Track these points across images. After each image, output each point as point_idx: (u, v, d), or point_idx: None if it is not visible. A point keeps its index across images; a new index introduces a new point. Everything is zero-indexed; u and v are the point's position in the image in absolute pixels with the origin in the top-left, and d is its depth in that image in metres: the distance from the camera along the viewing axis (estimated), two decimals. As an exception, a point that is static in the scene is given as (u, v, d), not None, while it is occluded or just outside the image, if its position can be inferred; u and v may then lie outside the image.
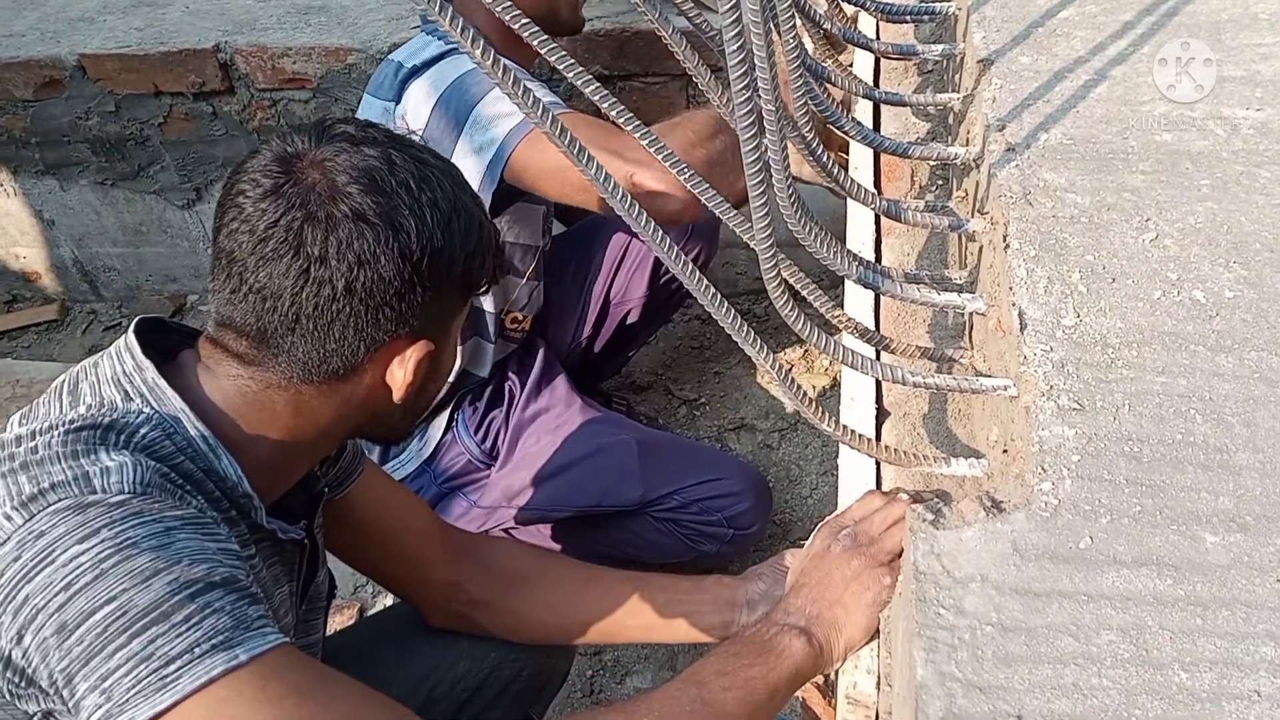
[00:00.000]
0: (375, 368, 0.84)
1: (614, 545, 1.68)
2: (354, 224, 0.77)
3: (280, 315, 0.79)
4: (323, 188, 0.78)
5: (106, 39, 2.32)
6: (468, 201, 0.85)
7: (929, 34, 1.34)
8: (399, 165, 0.80)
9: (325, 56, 2.20)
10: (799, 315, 0.71)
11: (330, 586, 1.07)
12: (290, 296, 0.78)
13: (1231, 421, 0.66)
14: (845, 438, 0.78)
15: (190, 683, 0.65)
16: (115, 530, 0.68)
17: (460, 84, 1.37)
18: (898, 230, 1.12)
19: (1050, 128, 0.90)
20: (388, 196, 0.79)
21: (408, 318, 0.82)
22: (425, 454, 1.65)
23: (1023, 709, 0.54)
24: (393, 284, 0.79)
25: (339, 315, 0.79)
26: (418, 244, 0.80)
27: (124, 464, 0.72)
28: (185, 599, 0.66)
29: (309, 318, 0.79)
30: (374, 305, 0.79)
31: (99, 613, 0.65)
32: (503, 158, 1.33)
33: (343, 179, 0.78)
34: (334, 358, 0.81)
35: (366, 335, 0.81)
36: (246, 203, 0.78)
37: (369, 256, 0.78)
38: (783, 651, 0.82)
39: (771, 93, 0.61)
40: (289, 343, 0.80)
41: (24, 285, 2.75)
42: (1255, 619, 0.57)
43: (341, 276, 0.78)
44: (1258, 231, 0.79)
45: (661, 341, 2.31)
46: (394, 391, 0.85)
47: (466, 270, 0.85)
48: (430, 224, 0.80)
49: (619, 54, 2.12)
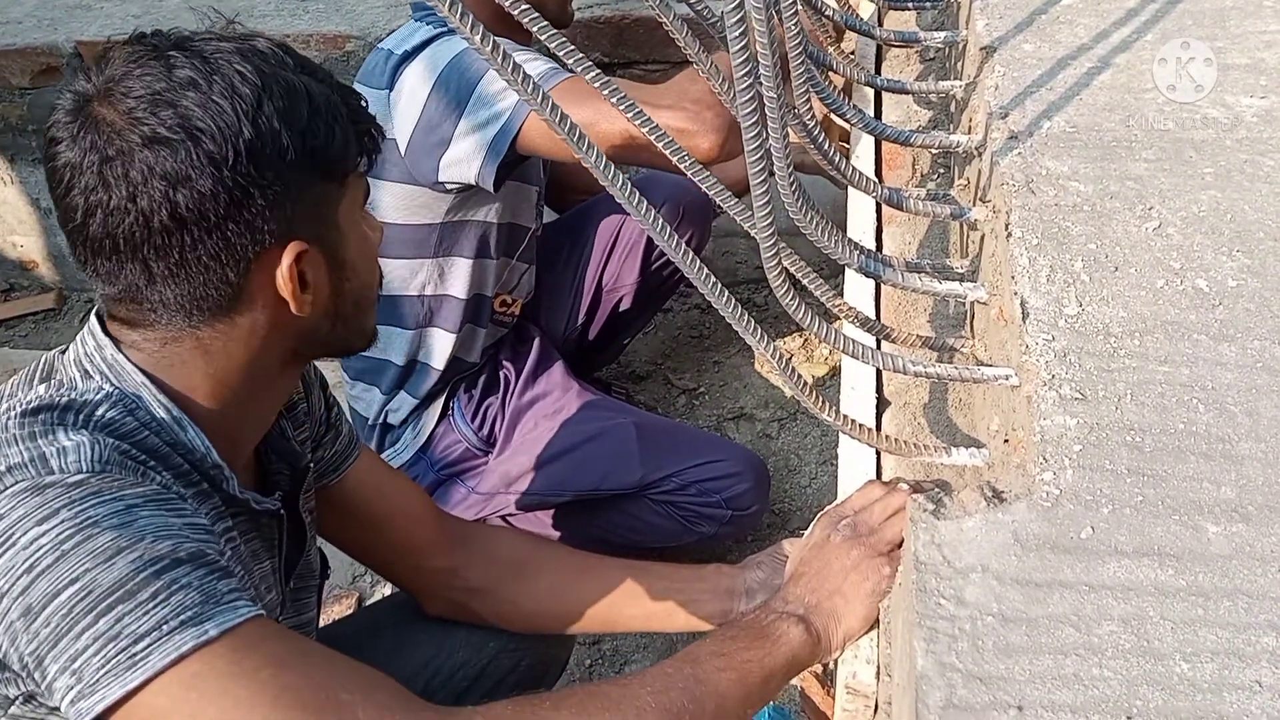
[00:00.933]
0: (261, 288, 0.78)
1: (613, 528, 1.68)
2: (150, 150, 0.72)
3: (130, 268, 0.74)
4: (113, 120, 0.72)
5: (104, 26, 2.31)
6: (282, 74, 0.77)
7: (931, 21, 1.33)
8: (180, 66, 0.73)
9: (323, 43, 2.19)
10: (799, 304, 0.71)
11: (323, 566, 1.07)
12: (126, 244, 0.73)
13: (1234, 411, 0.65)
14: (845, 427, 0.78)
15: (160, 660, 0.64)
16: (75, 510, 0.67)
17: (458, 63, 1.36)
18: (899, 219, 1.12)
19: (1053, 115, 0.90)
20: (173, 105, 0.72)
21: (260, 225, 0.75)
22: (420, 442, 1.65)
23: (1023, 699, 0.54)
24: (219, 196, 0.73)
25: (184, 246, 0.74)
26: (226, 144, 0.72)
27: (81, 444, 0.70)
28: (150, 576, 0.66)
29: (155, 261, 0.74)
30: (211, 224, 0.73)
31: (63, 594, 0.65)
32: (512, 129, 1.33)
33: (128, 104, 0.72)
34: (207, 292, 0.76)
35: (224, 257, 0.75)
36: (56, 164, 0.74)
37: (178, 176, 0.72)
38: (780, 637, 0.81)
39: (773, 80, 0.60)
40: (156, 292, 0.76)
41: (21, 274, 2.74)
42: (1257, 609, 0.56)
43: (160, 207, 0.72)
44: (1261, 220, 0.78)
45: (661, 330, 2.31)
46: (290, 304, 0.79)
47: (310, 150, 0.77)
48: (233, 116, 0.73)
49: (618, 41, 2.11)
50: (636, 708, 0.73)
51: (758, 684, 0.79)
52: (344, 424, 1.07)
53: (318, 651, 0.72)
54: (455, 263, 1.55)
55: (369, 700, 0.68)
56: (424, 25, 1.44)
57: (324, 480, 1.04)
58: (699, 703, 0.75)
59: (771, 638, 0.81)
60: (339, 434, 1.05)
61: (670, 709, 0.74)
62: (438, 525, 1.12)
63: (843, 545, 0.84)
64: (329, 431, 1.04)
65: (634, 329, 2.07)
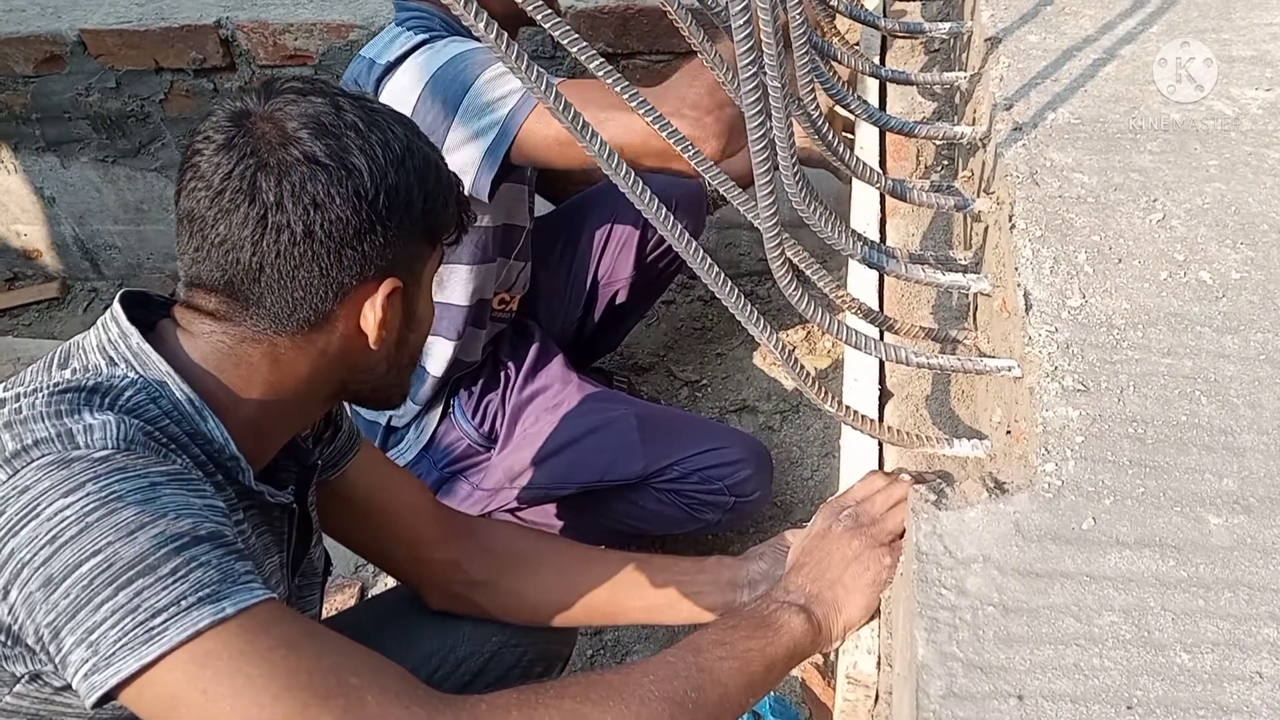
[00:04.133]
0: (347, 314, 0.84)
1: (616, 517, 1.68)
2: (306, 167, 0.78)
3: (244, 266, 0.79)
4: (273, 136, 0.79)
5: (108, 14, 2.30)
6: (422, 145, 0.86)
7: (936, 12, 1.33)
8: (346, 110, 0.82)
9: (327, 33, 2.19)
10: (803, 295, 0.71)
11: (326, 564, 1.07)
12: (251, 246, 0.78)
13: (1236, 403, 0.65)
14: (848, 418, 0.78)
15: (177, 635, 0.65)
16: (100, 484, 0.68)
17: (446, 73, 1.35)
18: (902, 210, 1.12)
19: (1058, 107, 0.89)
20: (337, 139, 0.80)
21: (371, 258, 0.82)
22: (423, 441, 1.65)
23: (1024, 689, 0.54)
24: (350, 223, 0.80)
25: (302, 260, 0.80)
26: (371, 183, 0.80)
27: (107, 422, 0.72)
28: (171, 552, 0.67)
29: (272, 265, 0.79)
30: (334, 247, 0.80)
31: (84, 565, 0.65)
32: (508, 137, 1.32)
33: (292, 125, 0.79)
34: (303, 305, 0.82)
35: (332, 279, 0.81)
36: (201, 160, 0.79)
37: (324, 198, 0.79)
38: (781, 627, 0.82)
39: (778, 70, 0.60)
40: (256, 293, 0.81)
41: (25, 263, 2.74)
42: (1258, 600, 0.57)
43: (299, 220, 0.78)
44: (1265, 212, 0.78)
45: (663, 322, 2.31)
46: (369, 336, 0.85)
47: (428, 211, 0.85)
48: (383, 162, 0.81)
49: (623, 31, 2.11)
50: (640, 696, 0.74)
51: (760, 673, 0.79)
52: (344, 420, 1.07)
53: (329, 637, 0.72)
54: (454, 270, 1.55)
55: (377, 685, 0.69)
56: (405, 32, 1.42)
57: (325, 475, 1.05)
58: (701, 691, 0.76)
59: (773, 627, 0.82)
60: (339, 430, 1.06)
61: (673, 697, 0.74)
62: (438, 518, 1.13)
63: (844, 536, 0.84)
64: (329, 428, 1.05)
65: (632, 320, 2.08)
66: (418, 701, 0.70)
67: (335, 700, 0.67)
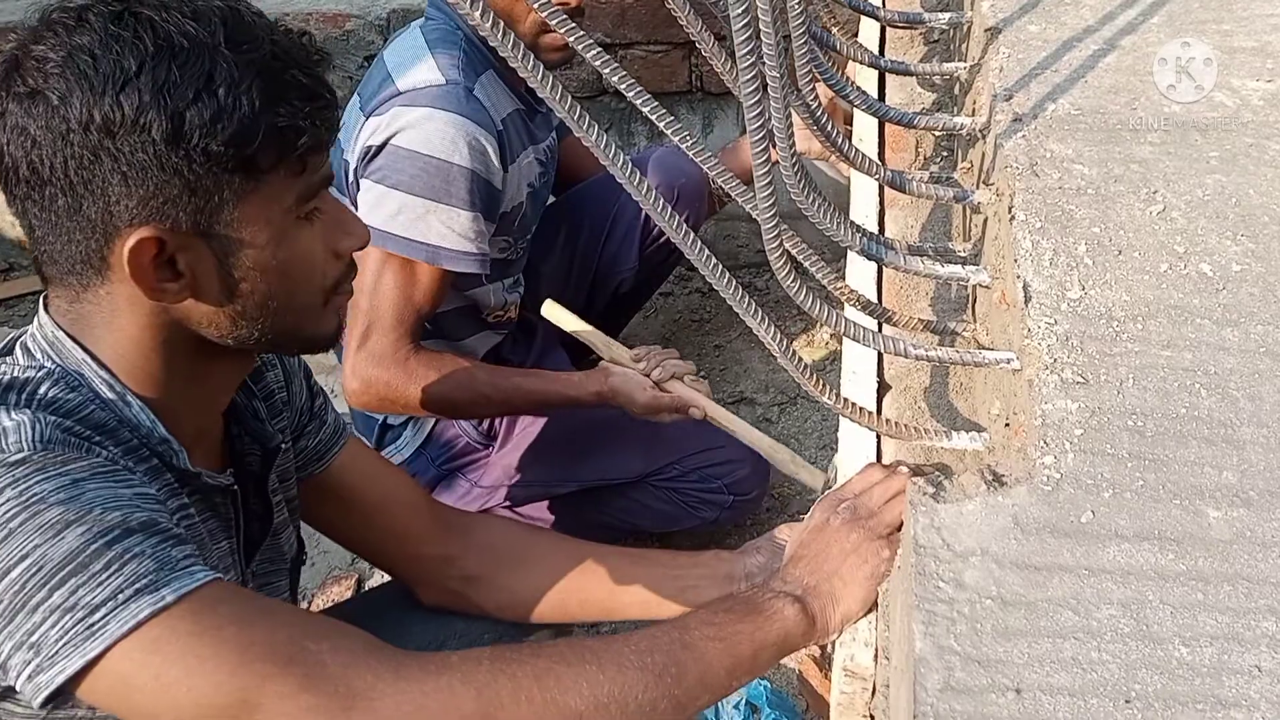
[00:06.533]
0: (121, 264, 0.75)
1: (614, 514, 1.68)
2: (22, 103, 0.72)
3: (25, 227, 0.77)
4: (16, 73, 0.74)
5: (102, 4, 2.29)
6: (201, 52, 0.72)
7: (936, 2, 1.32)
8: (83, 31, 0.72)
9: (323, 22, 2.18)
10: (801, 286, 0.70)
11: (299, 551, 1.06)
12: (14, 202, 0.76)
13: (1236, 396, 0.65)
14: (846, 411, 0.78)
15: (118, 628, 0.64)
16: (19, 488, 0.67)
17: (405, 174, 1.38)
18: (901, 202, 1.11)
19: (1058, 98, 0.89)
20: (61, 65, 0.72)
21: (115, 199, 0.73)
22: (421, 438, 1.65)
23: (1021, 682, 0.54)
24: (68, 162, 0.72)
25: (44, 201, 0.74)
26: (81, 110, 0.71)
27: (22, 423, 0.70)
28: (102, 547, 0.66)
29: (31, 210, 0.76)
30: (62, 185, 0.73)
31: (13, 571, 0.65)
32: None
33: (31, 63, 0.73)
34: (77, 249, 0.76)
35: (81, 221, 0.74)
36: None
37: (34, 134, 0.72)
38: (773, 614, 0.81)
39: (777, 59, 0.60)
40: (45, 244, 0.78)
41: (20, 254, 2.73)
42: (1257, 594, 0.56)
43: (21, 160, 0.73)
44: (1266, 204, 0.78)
45: (661, 315, 2.31)
46: (141, 290, 0.76)
47: (192, 134, 0.72)
48: (99, 87, 0.71)
49: (620, 21, 2.10)
50: (617, 663, 0.73)
51: (746, 656, 0.79)
52: (329, 414, 1.06)
53: (281, 608, 0.72)
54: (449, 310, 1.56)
55: (337, 648, 0.69)
56: (427, 53, 1.42)
57: (309, 470, 1.04)
58: (681, 666, 0.75)
59: (765, 613, 0.81)
60: (323, 424, 1.05)
61: (651, 668, 0.74)
62: (431, 512, 1.12)
63: (842, 528, 0.84)
64: (312, 421, 1.04)
65: (633, 310, 2.07)
66: (382, 660, 0.69)
67: (295, 668, 0.66)
